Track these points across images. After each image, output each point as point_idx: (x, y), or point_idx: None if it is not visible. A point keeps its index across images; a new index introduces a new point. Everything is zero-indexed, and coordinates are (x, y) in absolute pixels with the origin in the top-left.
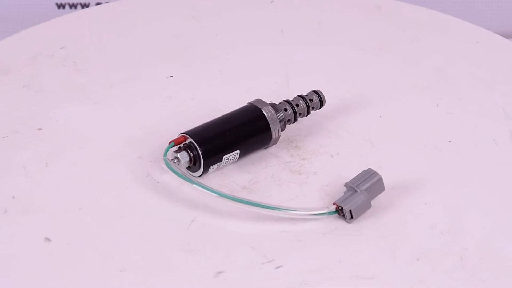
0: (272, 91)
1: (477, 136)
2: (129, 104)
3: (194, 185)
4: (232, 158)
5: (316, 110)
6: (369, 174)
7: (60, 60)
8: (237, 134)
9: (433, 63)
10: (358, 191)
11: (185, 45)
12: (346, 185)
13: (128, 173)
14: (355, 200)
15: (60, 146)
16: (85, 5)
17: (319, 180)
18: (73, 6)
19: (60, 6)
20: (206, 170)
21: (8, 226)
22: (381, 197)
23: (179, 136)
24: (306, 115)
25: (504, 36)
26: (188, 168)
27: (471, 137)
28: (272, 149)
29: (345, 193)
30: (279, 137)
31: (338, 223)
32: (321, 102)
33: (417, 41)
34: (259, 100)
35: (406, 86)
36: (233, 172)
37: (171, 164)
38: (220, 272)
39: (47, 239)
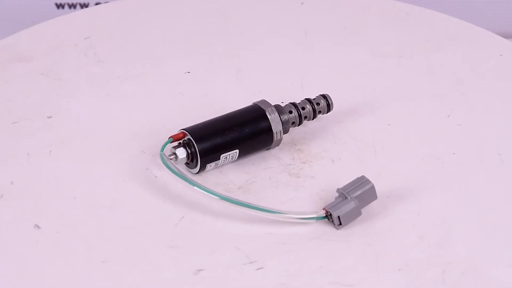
0: (285, 92)
1: (483, 150)
2: (141, 98)
3: (186, 182)
4: (231, 157)
5: (323, 114)
6: (361, 182)
7: (83, 50)
8: (237, 134)
9: (453, 74)
10: (349, 198)
11: (208, 42)
12: (338, 191)
13: (128, 166)
14: (344, 206)
15: (67, 135)
16: (84, 5)
17: (316, 184)
18: (72, 6)
19: (59, 6)
20: (203, 167)
21: (1, 210)
22: (374, 205)
23: (178, 132)
24: (312, 119)
25: (504, 36)
26: (187, 164)
27: (476, 151)
28: (274, 151)
29: (336, 199)
30: (281, 139)
31: (327, 229)
32: (329, 107)
33: (440, 50)
34: (263, 101)
35: (421, 95)
36: (231, 171)
37: (166, 160)
38: (200, 270)
39: (37, 226)
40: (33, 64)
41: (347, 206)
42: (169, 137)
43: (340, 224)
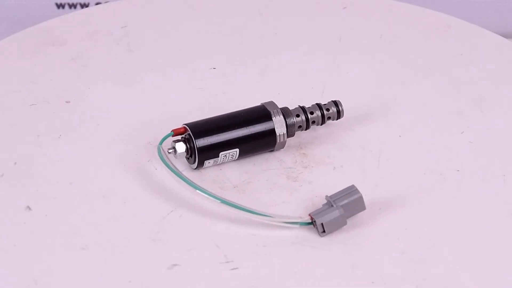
0: (304, 96)
1: (488, 170)
2: (161, 90)
3: (176, 176)
4: (231, 156)
5: (333, 120)
6: (349, 191)
7: (116, 39)
8: (238, 133)
9: (478, 91)
10: (334, 206)
11: (240, 40)
12: (326, 198)
13: (132, 156)
14: (329, 214)
15: (79, 121)
16: (84, 5)
17: (312, 190)
18: (72, 6)
19: (60, 6)
20: (201, 164)
21: None
22: (363, 216)
23: (180, 127)
24: (321, 124)
25: (503, 36)
26: (187, 159)
27: (481, 170)
28: (278, 153)
29: (322, 206)
30: (285, 142)
31: (310, 235)
32: (339, 113)
33: (472, 65)
34: (271, 102)
35: (440, 109)
36: (231, 170)
37: (163, 153)
38: (175, 265)
39: (28, 207)
40: (65, 48)
41: (331, 214)
42: (171, 131)
43: (324, 231)
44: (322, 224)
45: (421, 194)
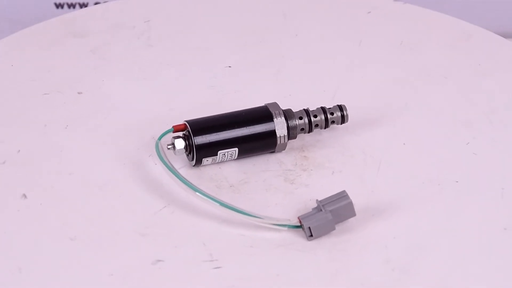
0: (315, 98)
1: (487, 183)
2: (174, 85)
3: (169, 171)
4: (230, 155)
5: (337, 124)
6: (340, 197)
7: (137, 33)
8: (237, 132)
9: (492, 102)
10: (323, 210)
11: (260, 39)
12: (317, 202)
13: (134, 150)
14: (317, 218)
15: (88, 112)
16: (83, 5)
17: (307, 193)
18: (71, 6)
19: (59, 6)
20: (199, 161)
21: None
22: (354, 222)
23: (181, 123)
24: (325, 128)
25: (503, 36)
26: (187, 156)
27: (481, 182)
28: (280, 154)
29: (312, 209)
30: (285, 143)
31: (298, 239)
32: (343, 118)
33: (489, 76)
34: (274, 104)
35: (449, 119)
36: (230, 169)
37: (160, 148)
38: (159, 261)
39: (24, 195)
40: (86, 40)
41: (319, 218)
42: (172, 127)
43: (312, 235)
44: (309, 228)
45: (416, 204)
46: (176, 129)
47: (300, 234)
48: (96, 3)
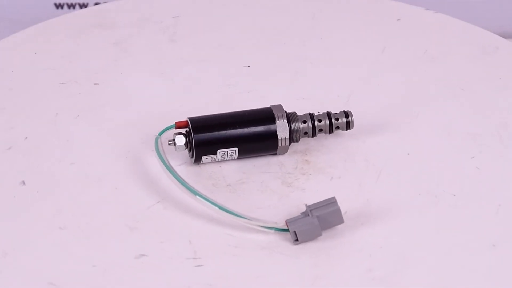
0: (327, 103)
1: (484, 198)
2: (189, 82)
3: (164, 167)
4: (229, 154)
5: (342, 130)
6: (328, 203)
7: (163, 28)
8: (238, 132)
9: (505, 117)
10: (310, 215)
11: (284, 41)
12: (306, 206)
13: (138, 144)
14: (303, 223)
15: (101, 104)
16: (83, 5)
17: (302, 197)
18: (71, 6)
19: (59, 6)
20: (198, 159)
21: (1, 161)
22: (343, 229)
23: (184, 120)
24: (329, 133)
25: (503, 36)
26: (188, 152)
27: (478, 197)
28: (282, 157)
29: (300, 214)
30: (287, 146)
31: (284, 242)
32: (348, 124)
33: (508, 90)
34: (279, 106)
35: (458, 131)
36: (230, 168)
37: (159, 143)
38: (143, 255)
39: (23, 182)
40: (111, 32)
41: (306, 223)
42: (175, 123)
43: (297, 240)
44: (295, 232)
45: (408, 215)
46: (178, 125)
47: (287, 237)
48: (96, 4)
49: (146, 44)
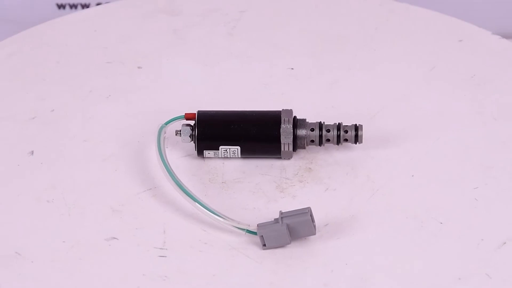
0: (353, 115)
1: (470, 230)
2: (227, 77)
3: (159, 155)
4: (232, 152)
5: (350, 143)
6: (301, 212)
7: (226, 21)
8: (241, 132)
9: None
10: (280, 222)
11: (336, 48)
12: (280, 213)
13: (144, 135)
14: (272, 229)
15: (135, 87)
16: (85, 6)
17: (289, 204)
18: (73, 6)
19: (61, 6)
20: (200, 152)
21: (23, 130)
22: (316, 241)
23: (194, 112)
24: (337, 144)
25: (503, 36)
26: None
27: (464, 228)
28: (287, 161)
29: (274, 219)
30: (290, 151)
31: (253, 246)
32: (356, 138)
33: None
34: (289, 110)
35: (472, 160)
36: (232, 166)
37: (162, 132)
38: (113, 238)
39: (32, 152)
40: (175, 19)
41: (274, 229)
42: (184, 114)
43: (265, 245)
44: (262, 236)
45: (386, 237)
46: (187, 116)
47: (258, 242)
48: (98, 4)
49: (203, 35)
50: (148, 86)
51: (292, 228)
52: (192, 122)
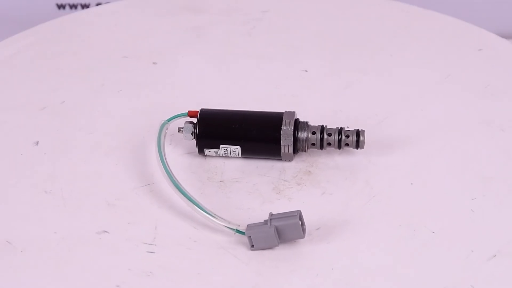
0: (360, 120)
1: (461, 241)
2: (240, 78)
3: (158, 151)
4: (233, 152)
5: (352, 148)
6: (290, 215)
7: (246, 21)
8: (242, 132)
9: None
10: (269, 224)
11: (355, 51)
12: (269, 214)
13: (150, 130)
14: (260, 230)
15: (147, 82)
16: (85, 6)
17: (283, 206)
18: (73, 6)
19: (61, 6)
20: (201, 150)
21: (31, 120)
22: (305, 244)
23: (197, 110)
24: (338, 148)
25: (503, 37)
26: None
27: (455, 239)
28: (288, 163)
29: (264, 221)
30: (290, 153)
31: (241, 246)
32: (358, 143)
33: None
34: (291, 112)
35: (473, 172)
36: (232, 165)
37: (164, 128)
38: (105, 231)
39: (37, 142)
40: (197, 17)
41: (262, 231)
42: (187, 111)
43: (253, 246)
44: (250, 237)
45: (375, 243)
46: (190, 114)
47: (247, 242)
48: (97, 4)
49: (222, 33)
50: (161, 82)
51: (280, 230)
52: (195, 120)
